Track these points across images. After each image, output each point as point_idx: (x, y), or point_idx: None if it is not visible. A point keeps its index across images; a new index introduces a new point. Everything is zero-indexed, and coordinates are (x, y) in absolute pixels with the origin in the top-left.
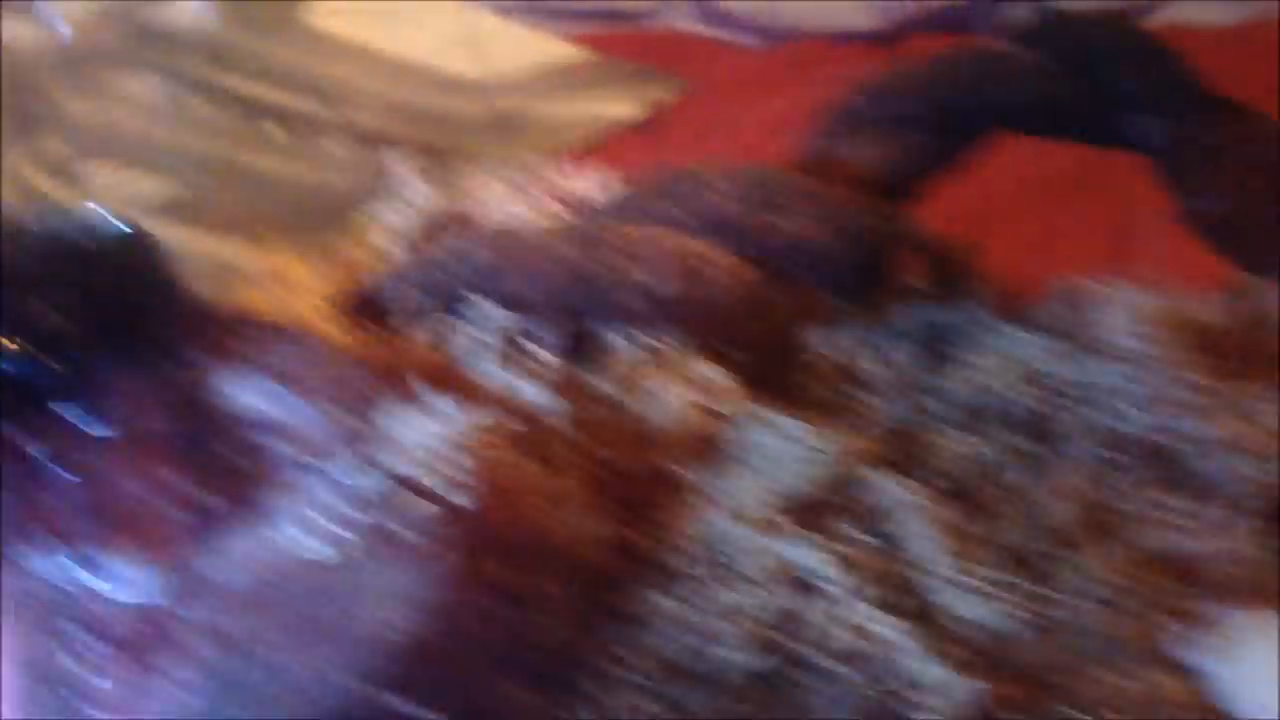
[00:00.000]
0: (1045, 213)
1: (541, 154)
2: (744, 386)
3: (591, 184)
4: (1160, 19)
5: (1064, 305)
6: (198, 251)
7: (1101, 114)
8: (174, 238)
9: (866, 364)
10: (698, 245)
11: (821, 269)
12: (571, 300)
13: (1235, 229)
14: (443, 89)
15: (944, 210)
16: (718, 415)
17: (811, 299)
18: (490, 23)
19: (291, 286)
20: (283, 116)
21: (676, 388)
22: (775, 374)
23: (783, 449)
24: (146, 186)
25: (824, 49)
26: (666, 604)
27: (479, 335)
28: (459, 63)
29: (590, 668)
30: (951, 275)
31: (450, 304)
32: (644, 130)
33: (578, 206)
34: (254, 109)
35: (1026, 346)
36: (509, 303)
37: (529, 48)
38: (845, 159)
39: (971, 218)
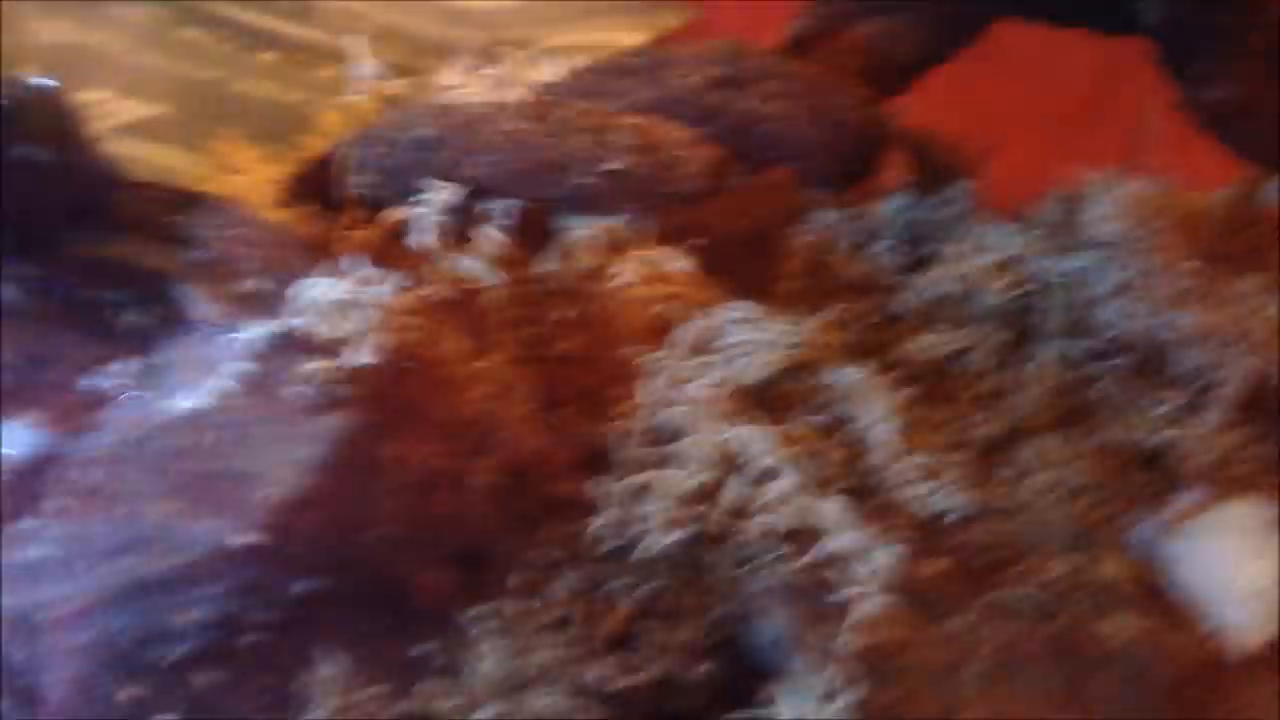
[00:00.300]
0: (1052, 106)
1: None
2: (706, 273)
3: (556, 68)
4: None
5: (1060, 203)
6: (170, 165)
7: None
8: (148, 154)
9: (840, 255)
10: (661, 124)
11: (796, 154)
12: (524, 179)
13: (1237, 118)
14: (446, 19)
15: (942, 102)
16: (674, 301)
17: (784, 185)
18: None
19: (238, 171)
20: (274, 39)
21: (632, 271)
22: (739, 262)
23: (742, 337)
24: (126, 105)
25: None
26: (595, 485)
27: (423, 212)
28: None
29: (505, 550)
30: (939, 171)
31: (396, 181)
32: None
33: (537, 87)
34: (245, 32)
35: (1007, 239)
36: (457, 180)
37: None
38: (833, 42)
39: (972, 111)
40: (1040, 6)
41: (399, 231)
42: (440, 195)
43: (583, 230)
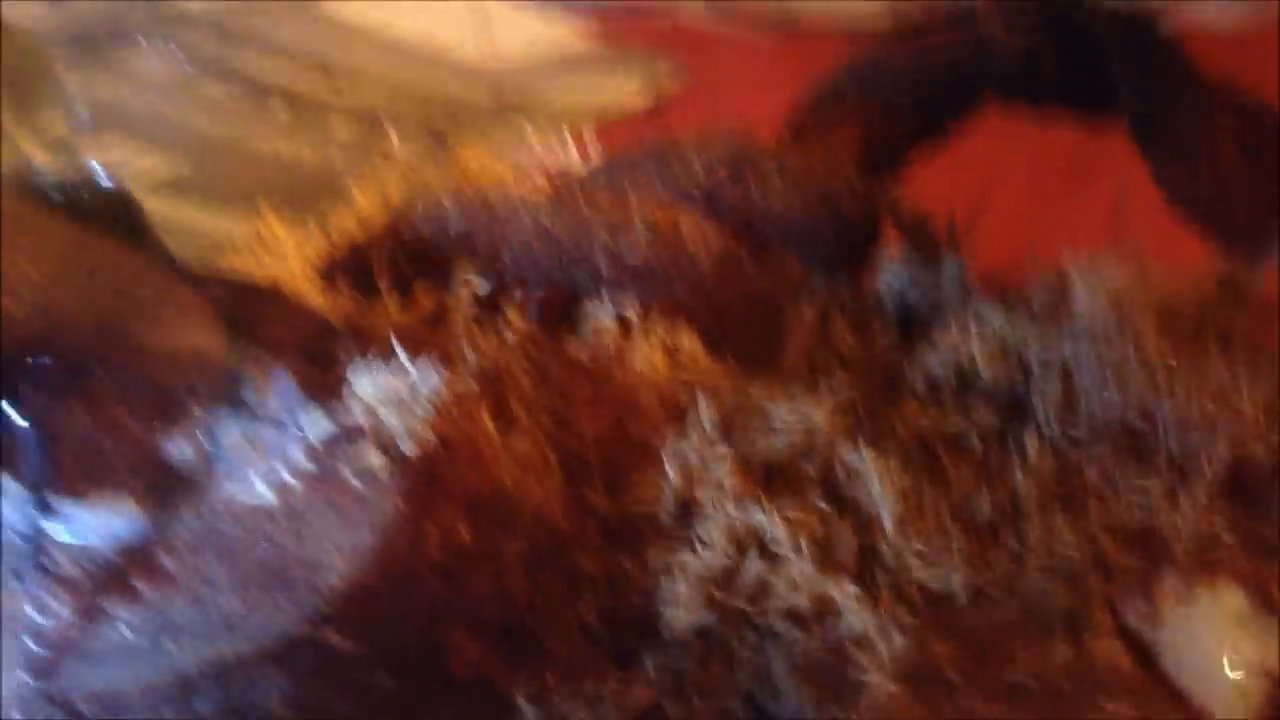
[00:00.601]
0: (1034, 187)
1: (543, 139)
2: (716, 355)
3: (574, 157)
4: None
5: (1045, 283)
6: (193, 227)
7: (1089, 84)
8: (172, 213)
9: (840, 335)
10: (673, 213)
11: (799, 240)
12: (547, 266)
13: (1211, 203)
14: (452, 75)
15: (931, 183)
16: (688, 383)
17: (787, 270)
18: (499, 9)
19: (274, 250)
20: (289, 96)
21: (648, 355)
22: (748, 343)
23: (750, 418)
24: (150, 163)
25: (831, 47)
26: (620, 563)
27: (456, 298)
28: (466, 46)
29: (539, 623)
30: (930, 250)
31: (428, 268)
32: (646, 118)
33: (558, 176)
34: (261, 88)
35: (1001, 322)
36: (484, 267)
37: (536, 34)
38: (830, 131)
39: (959, 191)
40: (1024, 90)
41: (432, 316)
42: (471, 282)
43: (602, 315)
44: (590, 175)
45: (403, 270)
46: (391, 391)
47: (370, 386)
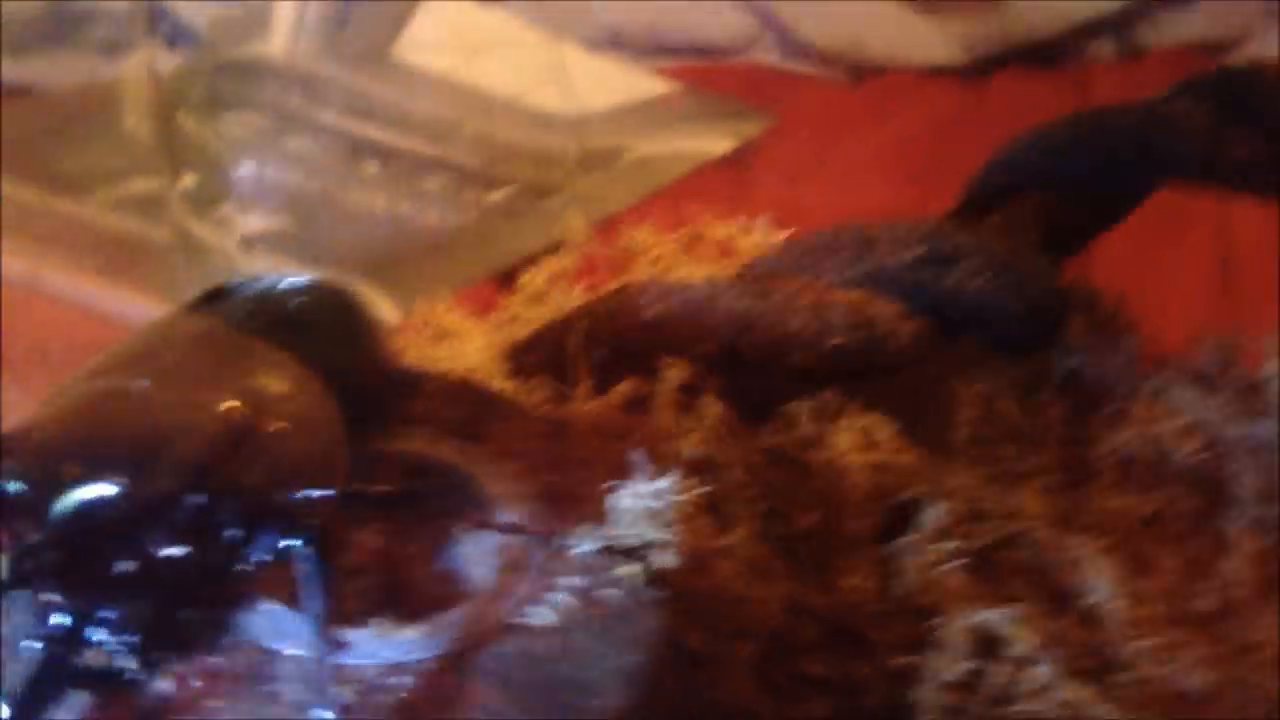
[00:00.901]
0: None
1: (635, 191)
2: (911, 442)
3: (755, 239)
4: None
5: (1217, 359)
6: None
7: (1272, 165)
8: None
9: (1030, 419)
10: (871, 299)
11: (993, 324)
12: (749, 356)
13: None
14: (535, 125)
15: (1100, 259)
16: (888, 473)
17: (976, 354)
18: (576, 57)
19: (449, 337)
20: (379, 152)
21: (847, 440)
22: (924, 424)
23: (950, 508)
24: (248, 219)
25: (908, 84)
26: (852, 666)
27: (656, 386)
28: (547, 98)
29: None
30: (1108, 330)
31: (626, 358)
32: (732, 166)
33: (745, 262)
34: (350, 145)
35: (1194, 401)
36: (686, 356)
37: (616, 83)
38: (1008, 209)
39: (1127, 268)
40: (1208, 172)
41: (629, 405)
42: (672, 372)
43: (802, 402)
44: (779, 260)
45: (597, 358)
46: (646, 503)
47: (628, 499)
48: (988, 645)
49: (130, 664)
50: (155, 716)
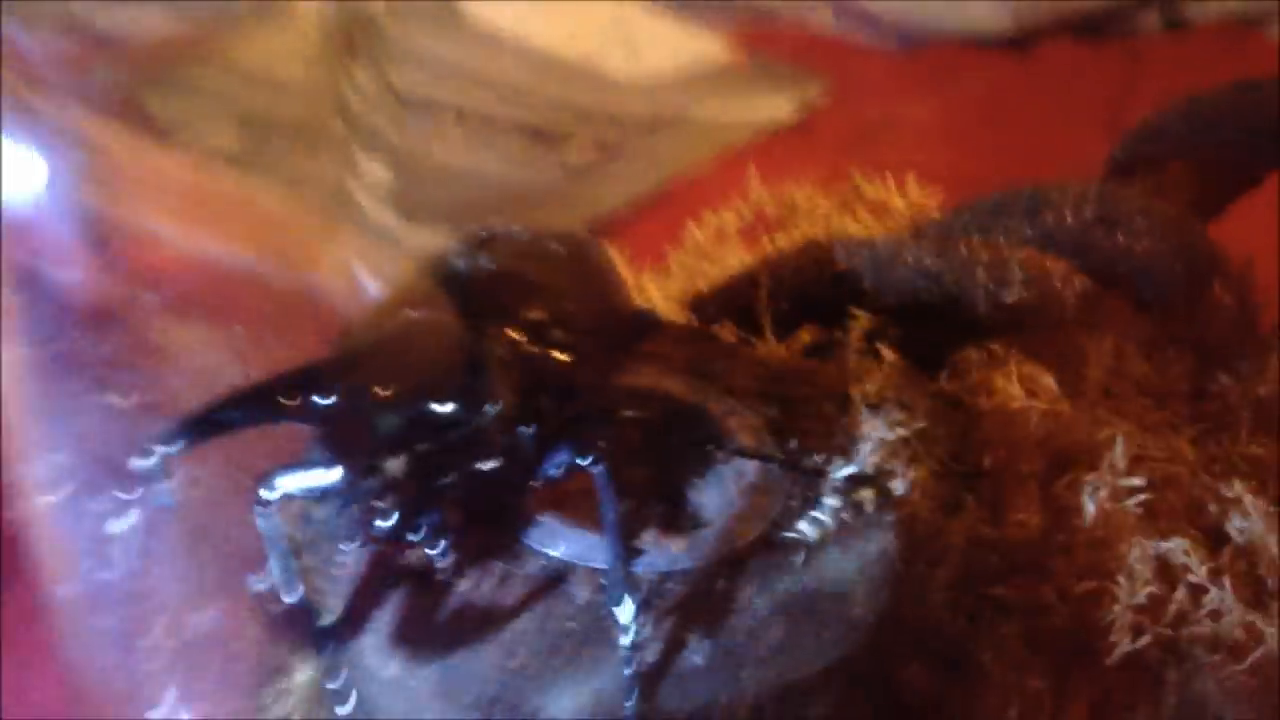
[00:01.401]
0: None
1: (703, 155)
2: (1078, 394)
3: (909, 199)
4: None
5: None
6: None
7: None
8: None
9: (1158, 374)
10: (1042, 257)
11: (1156, 285)
12: (931, 308)
13: None
14: (604, 88)
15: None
16: (1052, 419)
17: (1138, 312)
18: (641, 19)
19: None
20: (455, 112)
21: (1015, 389)
22: (1078, 382)
23: (1119, 450)
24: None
25: (958, 55)
26: (1041, 592)
27: (843, 336)
28: (614, 60)
29: (974, 650)
30: (1238, 290)
31: (808, 307)
32: (795, 132)
33: (919, 220)
34: (426, 104)
35: None
36: (870, 308)
37: (680, 46)
38: (1159, 172)
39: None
40: None
41: (811, 351)
42: (858, 323)
43: (973, 351)
44: (952, 219)
45: (780, 308)
46: (880, 433)
47: (872, 429)
48: (1166, 572)
49: (444, 565)
50: (461, 615)
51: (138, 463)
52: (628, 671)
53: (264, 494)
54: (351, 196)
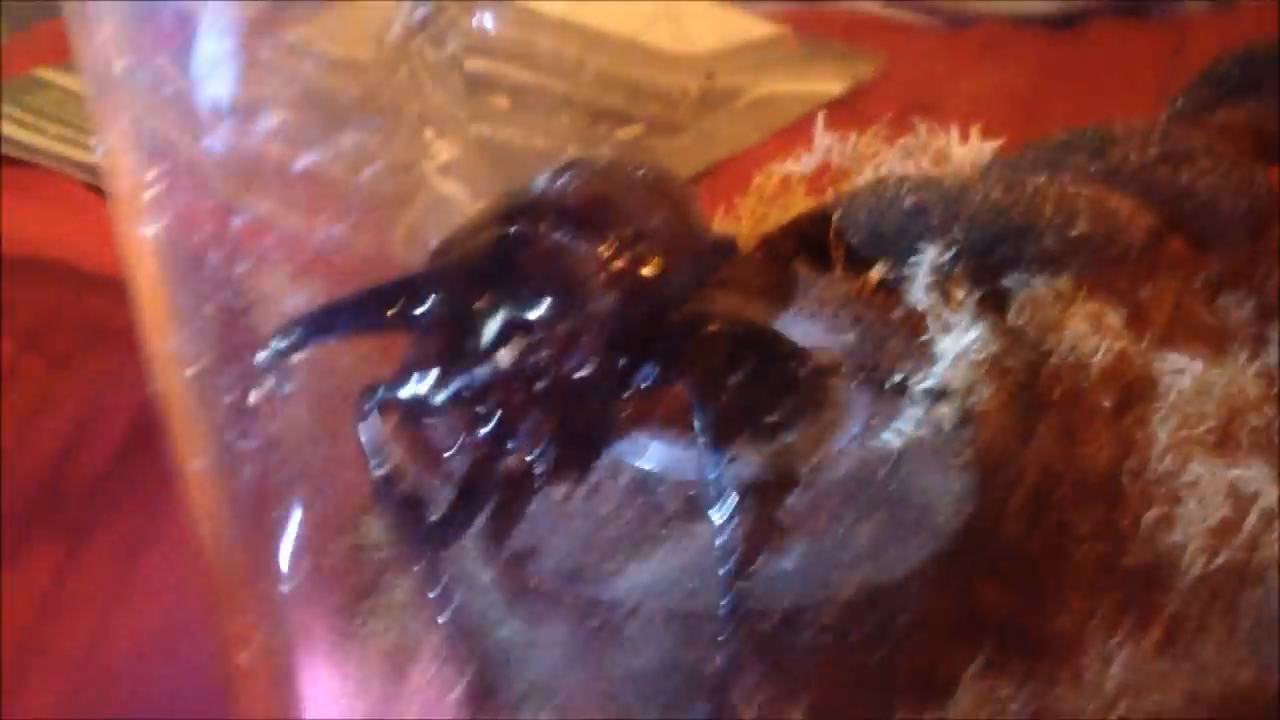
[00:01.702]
0: None
1: (756, 131)
2: (1141, 328)
3: (969, 149)
4: None
5: None
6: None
7: None
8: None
9: (1216, 318)
10: (1108, 193)
11: (1220, 223)
12: (999, 243)
13: None
14: (656, 64)
15: None
16: (1119, 355)
17: (1200, 250)
18: (688, 3)
19: None
20: (506, 88)
21: (1081, 323)
22: (1136, 321)
23: (1186, 383)
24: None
25: (1005, 33)
26: (1112, 516)
27: (917, 271)
28: (662, 38)
29: (1050, 571)
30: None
31: (882, 243)
32: (846, 108)
33: (995, 160)
34: (476, 80)
35: None
36: (940, 243)
37: (727, 25)
38: (1215, 116)
39: None
40: None
41: (882, 287)
42: (931, 256)
43: (1041, 287)
44: (1019, 158)
45: (851, 243)
46: (967, 351)
47: (947, 351)
48: (1238, 499)
49: (541, 471)
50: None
51: (259, 356)
52: (722, 572)
53: (364, 403)
54: (423, 176)
